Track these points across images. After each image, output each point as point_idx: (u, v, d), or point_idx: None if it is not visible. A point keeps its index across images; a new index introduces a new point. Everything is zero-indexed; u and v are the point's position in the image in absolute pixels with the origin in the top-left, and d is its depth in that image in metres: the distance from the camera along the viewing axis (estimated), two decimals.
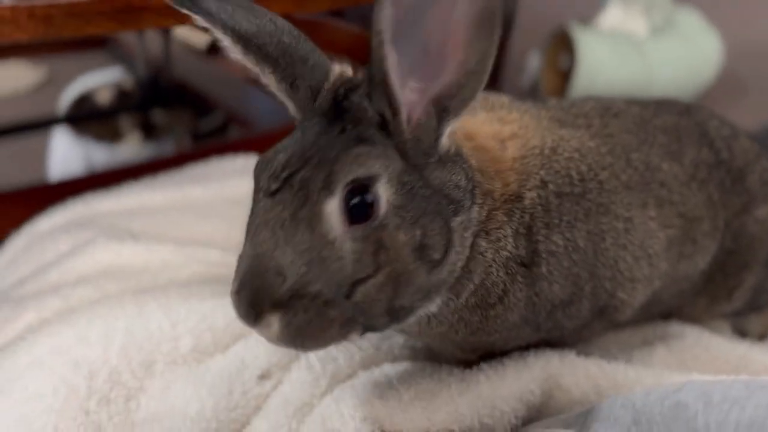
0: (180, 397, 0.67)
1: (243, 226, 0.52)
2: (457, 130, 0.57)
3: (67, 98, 2.01)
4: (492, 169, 0.59)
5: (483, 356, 0.68)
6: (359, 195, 0.48)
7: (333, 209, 0.47)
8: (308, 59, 0.54)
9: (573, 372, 0.65)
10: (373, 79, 0.48)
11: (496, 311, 0.60)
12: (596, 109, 0.73)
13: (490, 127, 0.64)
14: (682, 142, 0.74)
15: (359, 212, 0.48)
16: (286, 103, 0.57)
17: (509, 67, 2.33)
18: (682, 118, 0.77)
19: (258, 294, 0.47)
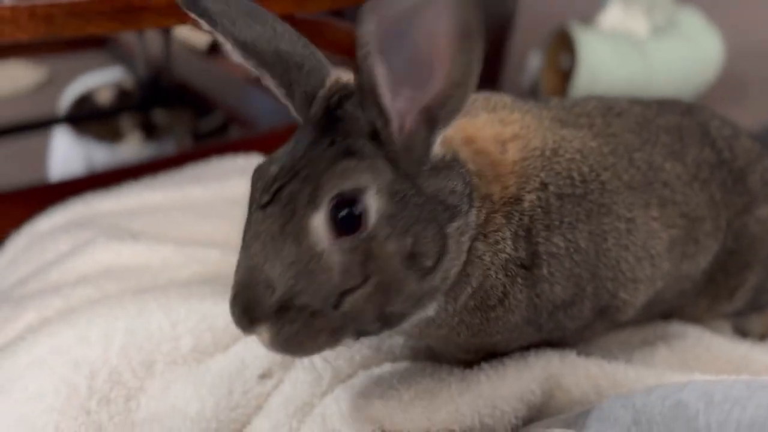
0: (180, 397, 0.67)
1: (242, 227, 0.53)
2: (456, 135, 0.57)
3: (68, 98, 2.01)
4: (491, 173, 0.59)
5: (484, 356, 0.68)
6: (347, 207, 0.48)
7: (319, 223, 0.48)
8: (303, 65, 0.55)
9: (573, 372, 0.65)
10: (363, 90, 0.48)
11: (497, 313, 0.60)
12: (599, 109, 0.72)
13: (491, 129, 0.63)
14: (685, 142, 0.73)
15: (348, 224, 0.48)
16: (288, 105, 0.57)
17: (509, 67, 2.33)
18: (684, 118, 0.77)
19: (249, 305, 0.49)
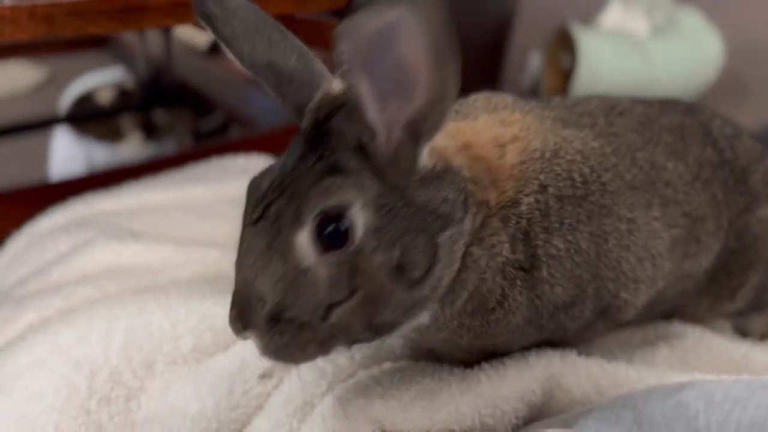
0: (180, 397, 0.67)
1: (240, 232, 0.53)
2: (451, 143, 0.57)
3: (68, 98, 2.01)
4: (488, 179, 0.59)
5: (485, 356, 0.68)
6: (333, 223, 0.49)
7: (303, 240, 0.49)
8: (294, 78, 0.55)
9: (574, 372, 0.65)
10: (349, 103, 0.49)
11: (497, 315, 0.60)
12: (601, 108, 0.72)
13: (491, 132, 0.63)
14: (687, 142, 0.73)
15: (334, 240, 0.49)
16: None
17: (510, 67, 2.33)
18: (686, 118, 0.76)
19: (243, 315, 0.51)
